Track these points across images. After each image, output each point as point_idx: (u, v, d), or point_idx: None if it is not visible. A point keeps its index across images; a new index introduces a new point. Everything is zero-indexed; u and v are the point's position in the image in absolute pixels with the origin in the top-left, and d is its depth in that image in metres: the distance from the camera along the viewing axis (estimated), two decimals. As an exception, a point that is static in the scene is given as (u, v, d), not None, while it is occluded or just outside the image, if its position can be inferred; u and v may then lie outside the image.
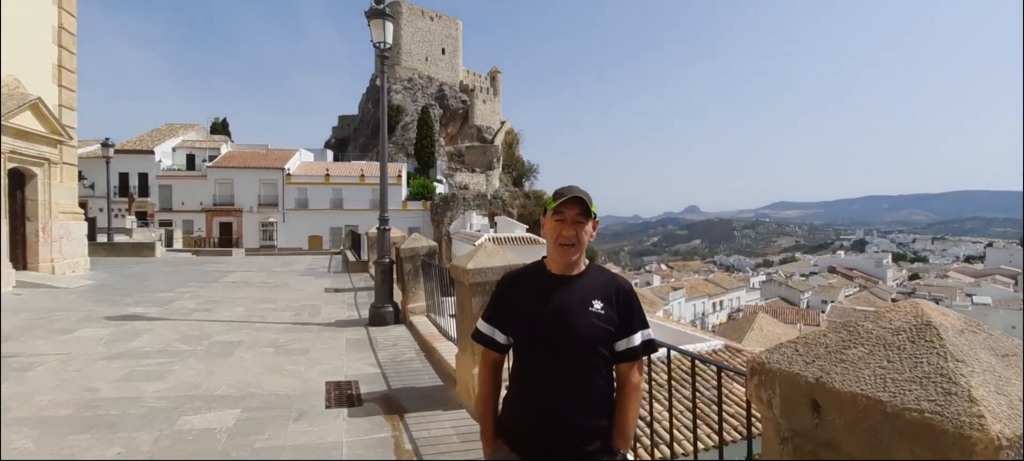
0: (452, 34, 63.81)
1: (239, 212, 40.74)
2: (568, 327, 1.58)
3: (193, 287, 10.97)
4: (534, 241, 26.03)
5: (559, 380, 1.58)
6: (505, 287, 1.75)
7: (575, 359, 1.59)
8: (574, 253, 1.63)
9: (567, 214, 1.62)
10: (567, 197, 1.61)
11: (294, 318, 7.63)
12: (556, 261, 1.67)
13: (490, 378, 1.76)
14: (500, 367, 1.78)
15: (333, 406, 4.02)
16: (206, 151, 43.08)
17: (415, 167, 48.92)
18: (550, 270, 1.69)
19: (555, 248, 1.65)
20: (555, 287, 1.64)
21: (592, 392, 1.60)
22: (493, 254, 3.95)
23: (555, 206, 1.63)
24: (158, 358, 5.20)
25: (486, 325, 1.74)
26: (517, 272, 1.78)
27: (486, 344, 1.75)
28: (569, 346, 1.59)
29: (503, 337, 1.72)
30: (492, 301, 1.77)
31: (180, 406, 3.89)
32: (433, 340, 5.70)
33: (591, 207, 1.63)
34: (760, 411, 1.34)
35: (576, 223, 1.62)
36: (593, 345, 1.59)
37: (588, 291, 1.64)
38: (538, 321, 1.61)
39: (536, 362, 1.61)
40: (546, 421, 1.58)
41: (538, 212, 44.13)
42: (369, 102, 59.99)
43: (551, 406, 1.57)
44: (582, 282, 1.66)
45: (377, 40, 7.20)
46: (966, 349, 1.06)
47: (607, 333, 1.61)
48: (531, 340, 1.63)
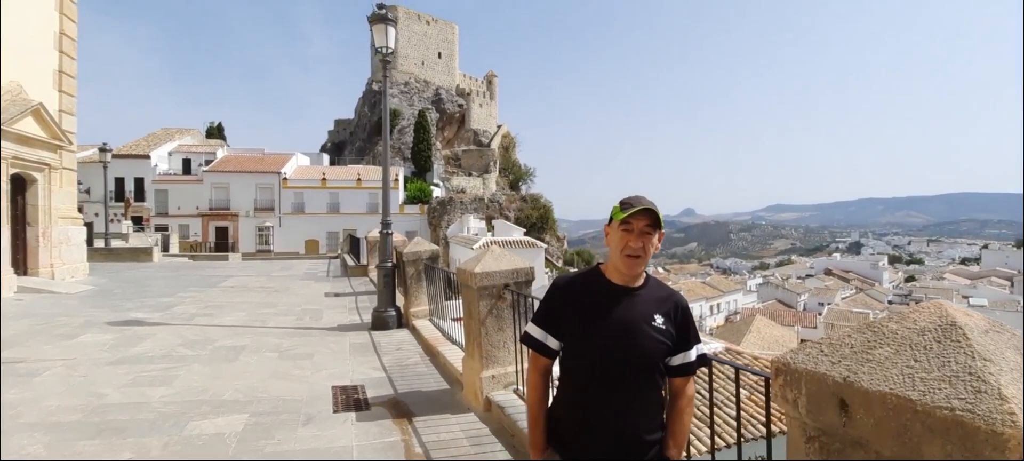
0: (448, 38, 63.95)
1: (235, 216, 40.61)
2: (633, 341, 1.58)
3: (193, 292, 10.93)
4: (532, 244, 26.05)
5: (621, 392, 1.58)
6: (562, 292, 1.72)
7: (637, 373, 1.59)
8: (640, 265, 1.62)
9: (635, 225, 1.60)
10: (636, 208, 1.58)
11: (296, 323, 7.62)
12: (620, 271, 1.65)
13: (541, 384, 1.74)
14: (550, 373, 1.77)
15: (341, 410, 4.02)
16: (202, 155, 42.98)
17: (412, 171, 48.94)
18: (611, 279, 1.67)
19: (621, 258, 1.62)
20: (618, 298, 1.64)
21: (651, 405, 1.62)
22: (500, 257, 3.97)
23: (624, 217, 1.60)
24: (163, 363, 5.19)
25: (539, 330, 1.72)
26: (573, 278, 1.76)
27: (538, 349, 1.72)
28: (633, 360, 1.58)
29: (556, 343, 1.70)
30: (546, 306, 1.74)
31: (188, 411, 3.88)
32: (437, 344, 5.71)
33: (660, 219, 1.62)
34: (785, 411, 1.36)
35: (644, 234, 1.60)
36: (655, 360, 1.61)
37: (650, 305, 1.64)
38: (602, 332, 1.60)
39: (597, 373, 1.60)
40: (607, 432, 1.58)
41: (535, 215, 44.23)
42: (365, 106, 59.99)
43: (612, 418, 1.58)
44: (644, 296, 1.65)
45: (380, 45, 7.24)
46: (992, 348, 1.08)
47: (667, 349, 1.62)
48: (594, 351, 1.61)
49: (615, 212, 1.65)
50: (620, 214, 1.61)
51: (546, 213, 45.00)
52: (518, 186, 56.38)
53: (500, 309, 3.90)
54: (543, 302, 1.77)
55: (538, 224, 42.40)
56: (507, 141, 64.30)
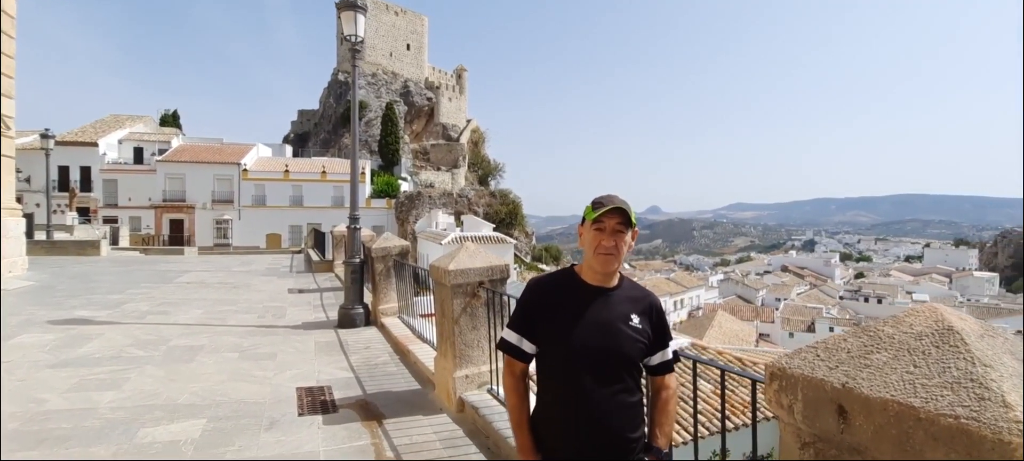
0: (417, 30, 63.01)
1: (191, 209, 38.95)
2: (612, 342, 1.59)
3: (145, 288, 10.37)
4: (502, 240, 26.01)
5: (601, 393, 1.57)
6: (536, 295, 1.71)
7: (617, 373, 1.59)
8: (613, 263, 1.62)
9: (607, 224, 1.61)
10: (608, 207, 1.59)
11: (257, 320, 7.32)
12: (595, 271, 1.65)
13: (519, 388, 1.73)
14: (527, 376, 1.76)
15: (306, 413, 3.85)
16: (156, 144, 41.01)
17: (379, 164, 48.05)
18: (585, 280, 1.67)
19: (595, 257, 1.62)
20: (593, 299, 1.64)
21: (632, 404, 1.62)
22: (475, 255, 3.88)
23: (595, 216, 1.61)
24: (111, 365, 4.86)
25: (514, 334, 1.71)
26: (546, 280, 1.75)
27: (514, 354, 1.71)
28: (612, 360, 1.59)
29: (531, 346, 1.69)
30: (520, 309, 1.73)
31: (139, 417, 3.63)
32: (407, 342, 5.56)
33: (631, 217, 1.62)
34: (779, 416, 1.34)
35: (616, 233, 1.61)
36: (634, 359, 1.62)
37: (626, 305, 1.64)
38: (579, 334, 1.59)
39: (577, 375, 1.59)
40: (589, 433, 1.58)
41: (504, 211, 44.17)
42: (331, 96, 58.52)
43: (594, 419, 1.57)
44: (619, 295, 1.66)
45: (348, 33, 6.99)
46: (990, 354, 1.07)
47: (644, 348, 1.64)
48: (572, 353, 1.60)
49: (587, 212, 1.65)
50: (592, 214, 1.62)
51: (515, 209, 45.02)
52: (487, 181, 56.19)
53: (474, 307, 3.82)
54: (518, 305, 1.76)
55: (507, 220, 42.39)
56: (476, 136, 63.98)
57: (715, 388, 8.37)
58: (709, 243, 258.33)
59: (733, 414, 7.67)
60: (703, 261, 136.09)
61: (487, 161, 60.75)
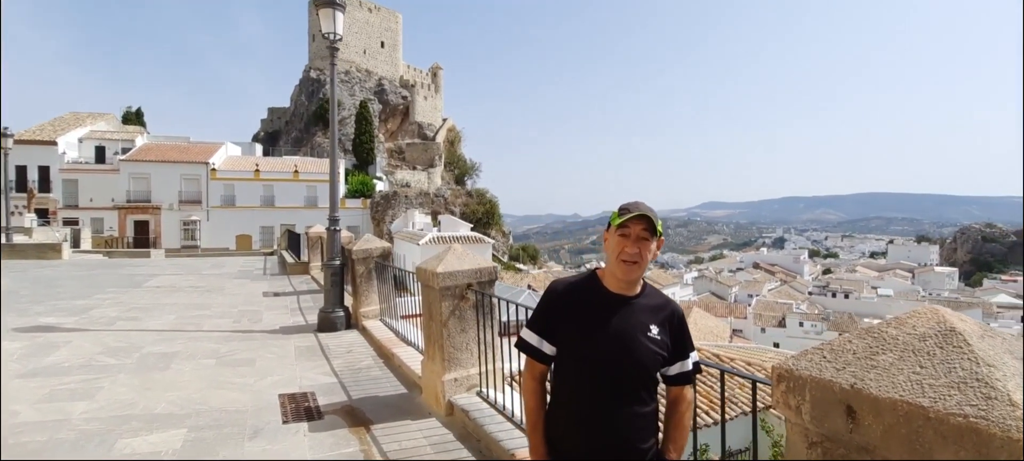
0: (391, 27, 62.29)
1: (157, 209, 37.69)
2: (629, 352, 1.58)
3: (112, 293, 9.99)
4: (480, 240, 25.95)
5: (616, 402, 1.58)
6: (557, 298, 1.70)
7: (633, 383, 1.59)
8: (636, 271, 1.61)
9: (632, 230, 1.59)
10: (633, 213, 1.58)
11: (233, 325, 7.12)
12: (617, 277, 1.63)
13: (537, 390, 1.72)
14: (545, 378, 1.75)
15: (291, 420, 3.76)
16: (118, 143, 39.56)
17: (353, 163, 47.35)
18: (607, 287, 1.66)
19: (617, 264, 1.61)
20: (615, 307, 1.62)
21: (645, 415, 1.62)
22: (463, 257, 3.85)
23: (620, 222, 1.60)
24: (82, 374, 4.66)
25: (534, 336, 1.70)
26: (568, 283, 1.74)
27: (534, 355, 1.70)
28: (629, 371, 1.58)
29: (551, 348, 1.68)
30: (541, 310, 1.72)
31: (115, 428, 3.49)
32: (391, 345, 5.49)
33: (657, 225, 1.60)
34: (787, 417, 1.36)
35: (640, 240, 1.59)
36: (651, 371, 1.61)
37: (646, 314, 1.63)
38: (599, 342, 1.59)
39: (593, 383, 1.59)
40: (602, 441, 1.58)
41: (481, 210, 44.08)
42: (302, 94, 57.44)
43: (607, 426, 1.58)
44: (641, 304, 1.65)
45: (327, 31, 6.85)
46: (993, 354, 1.11)
47: (662, 359, 1.63)
48: (589, 360, 1.60)
49: (613, 218, 1.64)
50: (617, 219, 1.61)
51: (492, 208, 45.00)
52: (463, 181, 55.99)
53: (463, 310, 3.79)
54: (539, 306, 1.74)
55: (484, 219, 42.35)
56: (452, 135, 63.68)
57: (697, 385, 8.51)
58: (683, 241, 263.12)
59: (712, 410, 7.82)
60: (678, 259, 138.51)
61: (463, 160, 60.54)
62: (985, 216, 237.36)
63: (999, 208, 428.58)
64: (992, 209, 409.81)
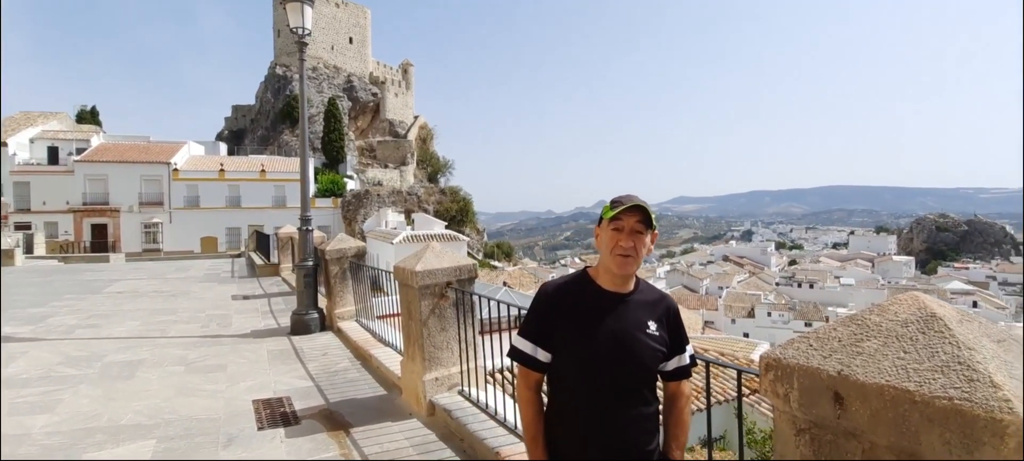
0: (360, 22, 61.19)
1: (116, 212, 36.17)
2: (630, 351, 1.53)
3: (69, 300, 9.54)
4: (454, 238, 25.81)
5: (619, 404, 1.53)
6: (550, 301, 1.62)
7: (634, 382, 1.55)
8: (631, 265, 1.54)
9: (626, 223, 1.53)
10: (627, 205, 1.51)
11: (202, 330, 6.89)
12: (612, 273, 1.57)
13: (534, 400, 1.64)
14: (540, 388, 1.67)
15: (266, 426, 3.65)
16: (73, 143, 37.77)
17: (322, 162, 46.41)
18: (601, 284, 1.60)
19: (612, 259, 1.54)
20: (611, 305, 1.57)
21: (648, 415, 1.58)
22: (441, 255, 3.81)
23: (613, 215, 1.53)
24: (41, 385, 4.43)
25: (528, 343, 1.61)
26: (560, 285, 1.66)
27: (528, 364, 1.62)
28: (631, 370, 1.54)
29: (546, 355, 1.61)
30: (533, 316, 1.64)
31: (79, 441, 3.33)
32: (368, 346, 5.40)
33: (652, 216, 1.54)
34: (775, 405, 1.38)
35: (635, 233, 1.53)
36: (652, 369, 1.57)
37: (643, 311, 1.59)
38: (596, 344, 1.53)
39: (594, 386, 1.53)
40: (607, 446, 1.53)
41: (454, 208, 43.82)
42: (268, 91, 55.96)
43: (611, 431, 1.53)
44: (637, 301, 1.60)
45: (296, 25, 6.67)
46: (972, 337, 1.14)
47: (661, 355, 1.59)
48: (589, 362, 1.54)
49: (605, 211, 1.58)
50: (610, 212, 1.54)
51: (465, 206, 44.80)
52: (436, 179, 55.54)
53: (443, 309, 3.75)
54: (530, 312, 1.66)
55: (458, 217, 42.13)
56: (424, 133, 63.06)
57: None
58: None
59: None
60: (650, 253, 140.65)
61: (436, 158, 60.01)
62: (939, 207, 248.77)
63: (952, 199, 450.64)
64: (945, 200, 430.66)
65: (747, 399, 8.95)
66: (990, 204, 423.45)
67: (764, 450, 7.58)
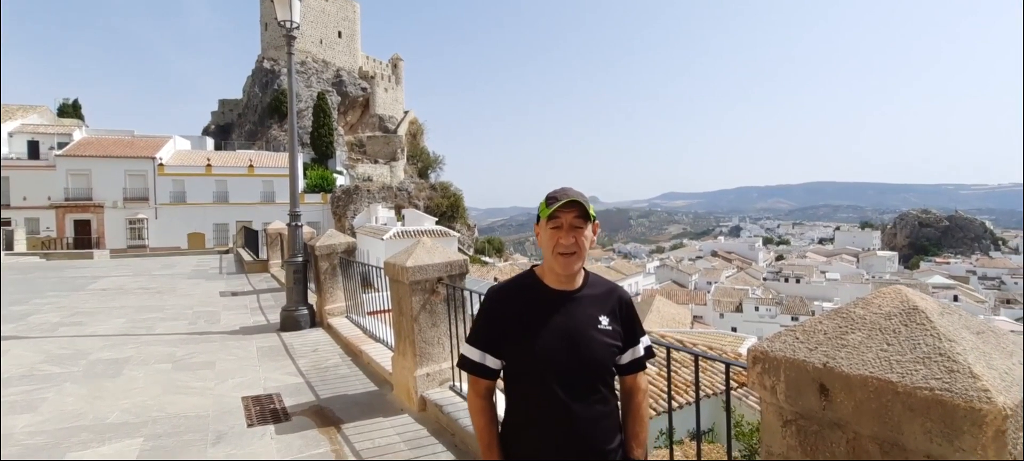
0: (349, 16, 60.60)
1: (99, 208, 35.60)
2: (580, 350, 1.48)
3: (52, 297, 9.39)
4: (445, 234, 25.76)
5: (576, 405, 1.47)
6: (497, 305, 1.57)
7: (588, 382, 1.49)
8: (575, 262, 1.50)
9: (564, 219, 1.48)
10: (562, 201, 1.47)
11: (189, 327, 6.82)
12: (556, 272, 1.53)
13: (486, 408, 1.59)
14: (493, 393, 1.63)
15: (256, 423, 3.63)
16: (54, 137, 37.10)
17: (311, 157, 46.02)
18: (547, 283, 1.55)
19: (554, 258, 1.50)
20: (558, 303, 1.52)
21: (607, 413, 1.53)
22: (433, 251, 3.81)
23: (550, 212, 1.47)
24: (22, 385, 4.35)
25: (475, 351, 1.56)
26: (506, 287, 1.61)
27: (477, 372, 1.57)
28: (583, 369, 1.49)
29: (495, 362, 1.56)
30: (481, 322, 1.58)
31: (63, 441, 3.28)
32: (359, 342, 5.38)
33: (589, 209, 1.50)
34: (763, 397, 1.40)
35: (574, 228, 1.49)
36: (607, 365, 1.53)
37: (593, 306, 1.54)
38: (546, 345, 1.48)
39: (547, 388, 1.47)
40: (569, 450, 1.48)
41: (445, 204, 43.72)
42: (255, 85, 55.28)
43: (571, 434, 1.47)
44: (586, 296, 1.55)
45: (283, 18, 6.60)
46: (952, 329, 1.17)
47: (617, 350, 1.54)
48: (539, 365, 1.48)
49: (541, 209, 1.52)
50: (546, 210, 1.49)
51: (456, 202, 44.70)
52: (427, 174, 55.33)
53: (434, 304, 3.75)
54: (477, 318, 1.61)
55: (448, 213, 42.03)
56: (415, 128, 62.72)
57: (660, 370, 8.75)
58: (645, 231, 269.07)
59: (677, 394, 8.05)
60: (640, 249, 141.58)
61: (426, 153, 59.74)
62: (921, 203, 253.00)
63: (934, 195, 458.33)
64: (927, 196, 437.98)
65: (734, 393, 9.05)
66: (971, 200, 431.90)
67: (751, 442, 7.69)
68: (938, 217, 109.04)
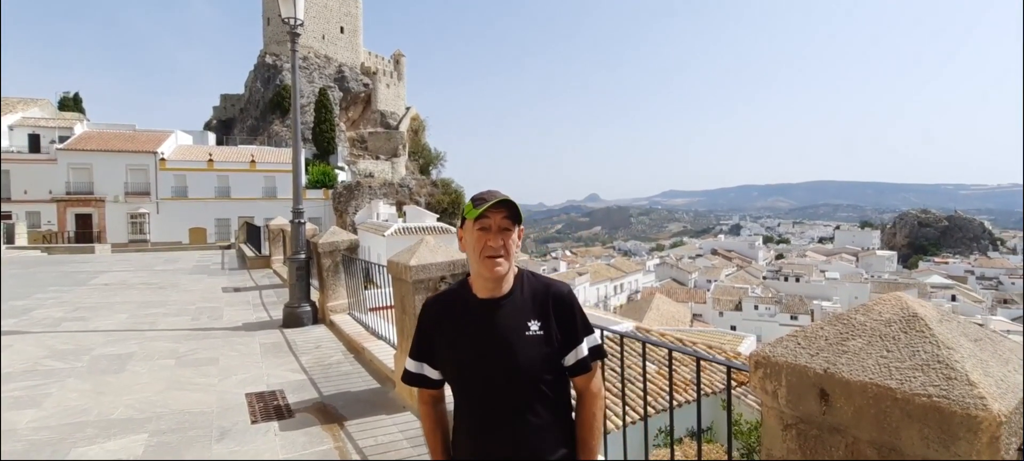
0: (351, 12, 60.49)
1: (101, 202, 35.61)
2: (505, 359, 1.40)
3: (54, 292, 9.43)
4: (446, 231, 25.78)
5: (506, 418, 1.41)
6: (429, 317, 1.54)
7: (520, 392, 1.42)
8: (503, 265, 1.42)
9: (493, 221, 1.41)
10: (491, 202, 1.39)
11: (192, 323, 6.86)
12: (483, 277, 1.46)
13: (431, 414, 1.58)
14: (441, 400, 1.60)
15: (260, 420, 3.67)
16: (55, 131, 37.04)
17: (313, 153, 46.03)
18: (475, 293, 1.49)
19: (481, 262, 1.42)
20: (484, 312, 1.45)
21: (549, 420, 1.45)
22: (436, 250, 3.83)
23: (477, 214, 1.40)
24: (26, 380, 4.39)
25: (413, 363, 1.54)
26: (441, 297, 1.57)
27: (417, 383, 1.55)
28: (509, 380, 1.41)
29: (435, 372, 1.53)
30: (417, 334, 1.55)
31: (68, 436, 3.31)
32: (361, 340, 5.42)
33: (518, 211, 1.44)
34: (764, 401, 1.43)
35: (503, 231, 1.41)
36: (538, 372, 1.42)
37: (522, 312, 1.45)
38: (469, 356, 1.43)
39: (476, 401, 1.44)
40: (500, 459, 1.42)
41: (446, 200, 43.71)
42: (257, 80, 55.23)
43: (508, 445, 1.42)
44: (514, 301, 1.47)
45: (287, 15, 6.61)
46: (951, 337, 1.19)
47: (550, 354, 1.44)
48: (465, 377, 1.45)
49: (467, 210, 1.44)
50: (473, 212, 1.41)
51: (458, 199, 44.65)
52: (428, 171, 55.31)
53: (436, 303, 3.77)
54: (415, 330, 1.58)
55: (450, 209, 41.99)
56: (416, 124, 62.67)
57: (661, 368, 8.79)
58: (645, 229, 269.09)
59: (677, 392, 8.08)
60: (640, 246, 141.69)
61: (428, 150, 59.71)
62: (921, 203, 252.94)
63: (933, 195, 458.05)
64: (927, 196, 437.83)
65: (733, 391, 9.09)
66: (970, 200, 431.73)
67: (750, 441, 7.73)
68: (937, 217, 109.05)
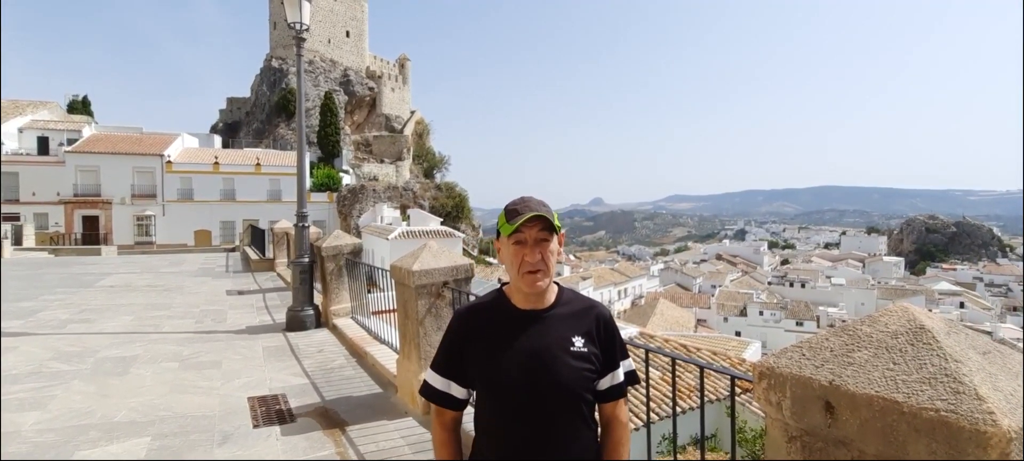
0: (357, 16, 60.84)
1: (108, 204, 35.89)
2: (548, 373, 1.35)
3: (61, 294, 9.48)
4: (450, 234, 25.81)
5: (543, 435, 1.35)
6: (462, 327, 1.44)
7: (559, 409, 1.36)
8: (543, 279, 1.36)
9: (528, 235, 1.34)
10: (525, 216, 1.32)
11: (196, 326, 6.87)
12: (523, 292, 1.40)
13: (449, 441, 1.48)
14: (460, 425, 1.52)
15: (262, 424, 3.66)
16: (63, 133, 37.40)
17: (318, 156, 46.23)
18: (515, 303, 1.43)
19: (521, 277, 1.36)
20: (526, 324, 1.39)
21: (580, 442, 1.39)
22: (438, 255, 3.82)
23: (514, 228, 1.34)
24: (31, 382, 4.41)
25: (439, 378, 1.43)
26: (475, 308, 1.48)
27: (442, 402, 1.44)
28: (551, 396, 1.35)
29: (462, 391, 1.44)
30: (446, 346, 1.45)
31: (72, 439, 3.32)
32: (364, 344, 5.41)
33: (554, 221, 1.37)
34: (768, 412, 1.41)
35: (540, 243, 1.35)
36: (578, 391, 1.37)
37: (566, 326, 1.40)
38: (511, 368, 1.35)
39: (512, 416, 1.36)
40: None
41: (450, 204, 43.77)
42: (263, 83, 55.57)
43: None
44: (557, 315, 1.41)
45: (293, 20, 6.64)
46: (958, 350, 1.18)
47: (592, 374, 1.40)
48: (502, 390, 1.36)
49: (501, 224, 1.38)
50: (508, 227, 1.35)
51: (461, 202, 44.75)
52: (432, 174, 55.41)
53: (439, 308, 3.76)
54: (443, 340, 1.48)
55: (453, 213, 42.08)
56: (420, 127, 62.84)
57: (664, 374, 8.75)
58: (650, 233, 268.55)
59: (681, 399, 8.04)
60: (644, 251, 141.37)
61: (432, 153, 59.83)
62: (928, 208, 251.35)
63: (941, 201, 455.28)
64: (934, 202, 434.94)
65: (738, 398, 9.05)
66: (978, 206, 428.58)
67: (754, 448, 7.67)
68: (945, 223, 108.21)
